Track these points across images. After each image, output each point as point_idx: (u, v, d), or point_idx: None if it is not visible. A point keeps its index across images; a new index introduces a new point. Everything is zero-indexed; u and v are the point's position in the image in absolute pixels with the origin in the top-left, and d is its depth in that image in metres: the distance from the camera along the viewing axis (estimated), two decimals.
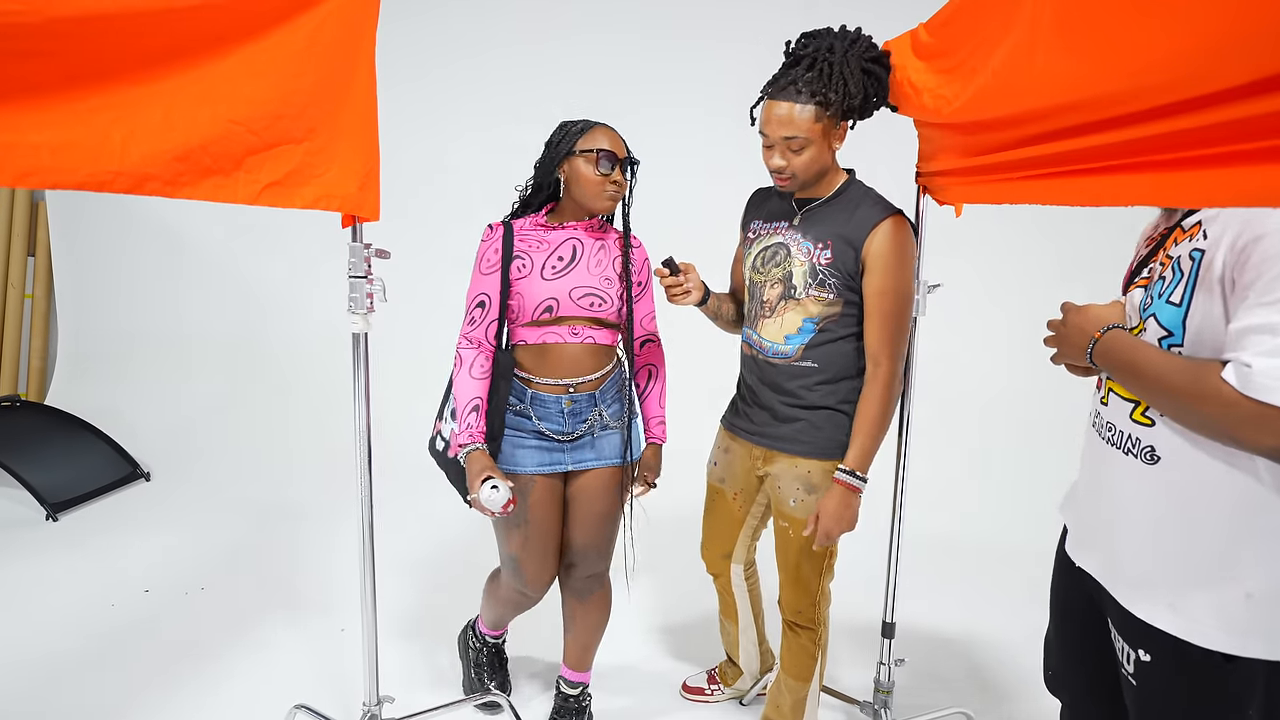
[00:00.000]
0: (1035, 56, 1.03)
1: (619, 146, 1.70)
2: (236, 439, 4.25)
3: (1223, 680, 1.04)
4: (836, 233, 1.62)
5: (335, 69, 1.42)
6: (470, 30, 4.31)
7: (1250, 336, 0.91)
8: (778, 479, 1.76)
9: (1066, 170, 1.07)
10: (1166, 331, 1.04)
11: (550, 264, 1.71)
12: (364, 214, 1.52)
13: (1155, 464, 1.07)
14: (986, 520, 3.35)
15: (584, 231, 1.76)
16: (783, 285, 1.68)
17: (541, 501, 1.77)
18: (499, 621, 2.13)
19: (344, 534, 3.13)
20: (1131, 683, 1.15)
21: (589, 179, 1.67)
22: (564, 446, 1.78)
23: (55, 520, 3.37)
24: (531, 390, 1.74)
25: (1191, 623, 1.04)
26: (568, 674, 2.05)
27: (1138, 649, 1.12)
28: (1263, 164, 0.64)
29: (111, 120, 1.12)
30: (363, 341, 1.61)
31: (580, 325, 1.73)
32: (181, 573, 2.94)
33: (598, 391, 1.77)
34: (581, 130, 1.70)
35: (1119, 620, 1.16)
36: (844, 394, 1.68)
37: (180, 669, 2.33)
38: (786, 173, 1.60)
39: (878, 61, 1.58)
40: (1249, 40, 0.61)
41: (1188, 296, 1.00)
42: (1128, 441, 1.11)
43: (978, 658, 2.47)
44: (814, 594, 1.80)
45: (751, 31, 3.41)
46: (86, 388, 4.53)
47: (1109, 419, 1.16)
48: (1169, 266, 1.06)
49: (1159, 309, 1.05)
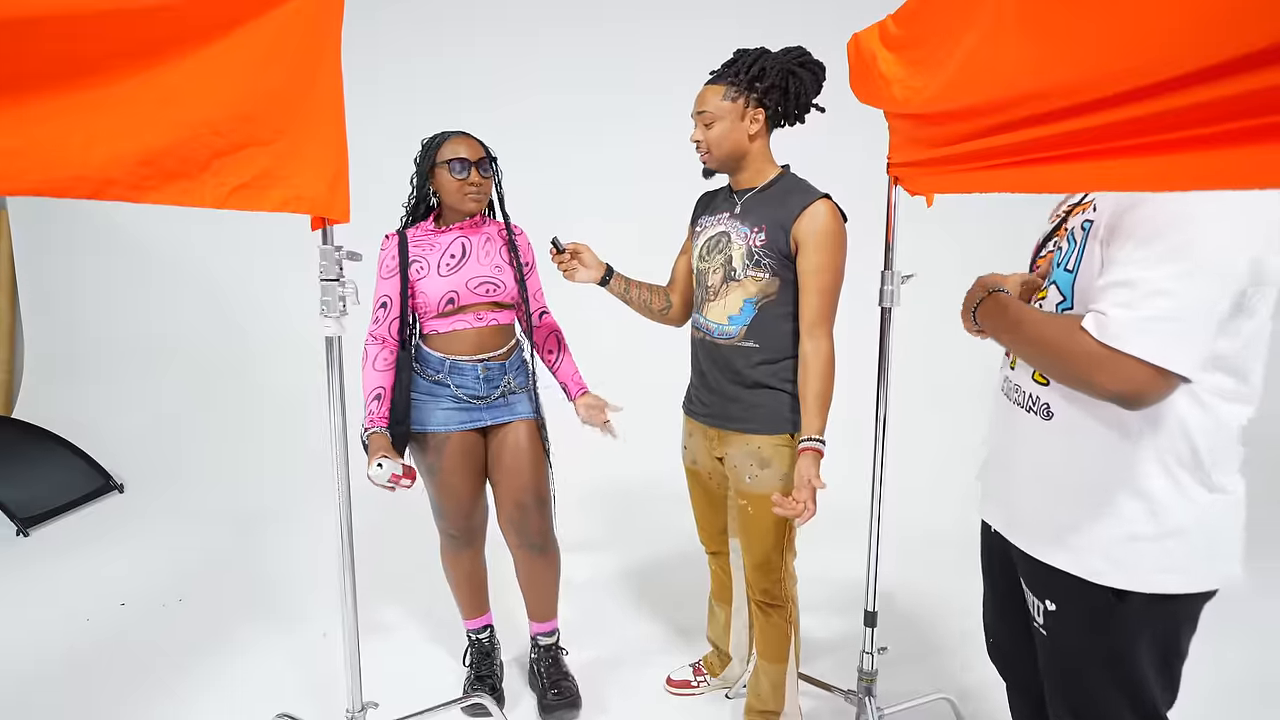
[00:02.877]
0: (1001, 45, 1.04)
1: (474, 150, 1.92)
2: (210, 447, 4.20)
3: (1117, 616, 1.14)
4: (770, 216, 1.75)
5: (301, 69, 1.39)
6: (437, 32, 4.28)
7: (1110, 290, 1.00)
8: (733, 458, 1.84)
9: (1035, 158, 1.08)
10: (1062, 296, 1.14)
11: (444, 262, 1.96)
12: (334, 216, 1.50)
13: (1050, 419, 1.17)
14: (965, 507, 3.38)
15: (468, 230, 2.00)
16: (724, 269, 1.80)
17: (454, 453, 2.00)
18: (463, 601, 2.21)
19: (322, 539, 3.11)
20: (1043, 634, 1.24)
21: (450, 186, 1.92)
22: (480, 408, 2.02)
23: (26, 536, 3.31)
24: (450, 359, 1.98)
25: (1086, 561, 1.14)
26: (538, 628, 2.20)
27: (1044, 599, 1.22)
28: (1225, 147, 0.65)
29: (71, 124, 1.10)
30: (336, 345, 1.59)
31: (483, 310, 1.99)
32: (158, 584, 2.90)
33: (506, 362, 2.05)
34: (438, 144, 1.93)
35: (1026, 572, 1.26)
36: (784, 373, 1.80)
37: (159, 681, 2.30)
38: (703, 145, 1.77)
39: (805, 66, 1.74)
40: (1210, 26, 0.62)
41: (1077, 263, 1.10)
42: (1028, 400, 1.21)
43: (959, 644, 2.50)
44: (779, 570, 1.88)
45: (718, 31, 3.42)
46: (55, 399, 4.45)
47: (1016, 381, 1.25)
48: (1064, 237, 1.17)
49: (1058, 277, 1.16)
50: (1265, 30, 0.56)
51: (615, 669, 2.37)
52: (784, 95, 1.74)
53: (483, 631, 2.25)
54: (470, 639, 2.26)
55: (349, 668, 1.73)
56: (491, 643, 2.27)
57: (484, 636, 2.25)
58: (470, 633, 2.25)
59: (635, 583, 2.93)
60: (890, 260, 1.77)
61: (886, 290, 1.76)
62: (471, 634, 2.25)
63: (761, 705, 2.00)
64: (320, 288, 1.54)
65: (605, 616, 2.68)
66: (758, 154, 1.79)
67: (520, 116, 4.11)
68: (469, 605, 2.23)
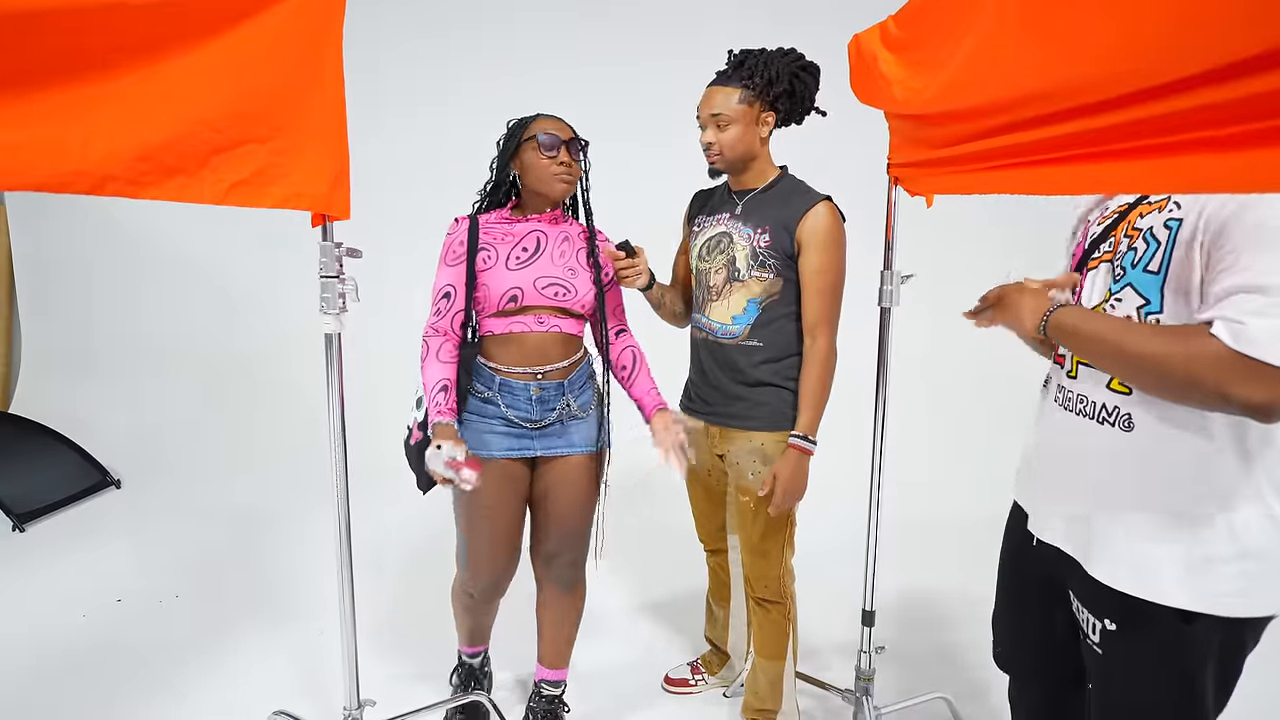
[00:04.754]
0: (1001, 47, 1.04)
1: (563, 129, 1.75)
2: (208, 443, 4.19)
3: (1182, 640, 1.09)
4: (773, 218, 1.76)
5: (301, 66, 1.39)
6: (440, 29, 4.27)
7: (1236, 296, 0.95)
8: (735, 455, 1.85)
9: (1035, 160, 1.08)
10: (1144, 299, 1.08)
11: (515, 255, 1.75)
12: (334, 213, 1.50)
13: (1130, 431, 1.11)
14: (965, 508, 3.39)
15: (547, 223, 1.81)
16: (727, 269, 1.81)
17: (496, 481, 1.76)
18: (466, 632, 2.11)
19: (319, 537, 3.10)
20: (1097, 652, 1.19)
21: (537, 164, 1.72)
22: (531, 434, 1.79)
23: (22, 531, 3.30)
24: (500, 377, 1.75)
25: (1156, 584, 1.09)
26: (547, 674, 2.04)
27: (1104, 618, 1.16)
28: (1228, 150, 0.65)
29: (70, 119, 1.09)
30: (336, 342, 1.59)
31: (546, 314, 1.75)
32: (154, 581, 2.90)
33: (566, 380, 1.79)
34: (525, 122, 1.77)
35: (1085, 591, 1.20)
36: (787, 371, 1.81)
37: (155, 679, 2.29)
38: (715, 148, 1.77)
39: (805, 70, 1.78)
40: (1212, 27, 0.62)
41: (1165, 264, 1.04)
42: (1102, 411, 1.15)
43: (957, 644, 2.50)
44: (779, 566, 1.89)
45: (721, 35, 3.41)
46: (52, 394, 4.44)
47: (1080, 391, 1.19)
48: (1138, 238, 1.10)
49: (1135, 278, 1.09)
50: (1268, 35, 0.56)
51: (613, 667, 2.37)
52: (792, 98, 1.77)
53: (475, 656, 2.18)
54: (461, 659, 2.19)
55: (346, 665, 1.73)
56: (483, 668, 2.21)
57: (475, 661, 2.18)
58: (462, 654, 2.18)
59: (633, 580, 2.93)
60: (890, 260, 1.77)
61: (886, 290, 1.77)
62: (464, 655, 2.17)
63: (759, 704, 2.00)
64: (320, 284, 1.54)
65: (603, 614, 2.68)
66: (763, 156, 1.82)
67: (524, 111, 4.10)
68: (470, 637, 2.12)
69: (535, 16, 4.21)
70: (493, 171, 1.83)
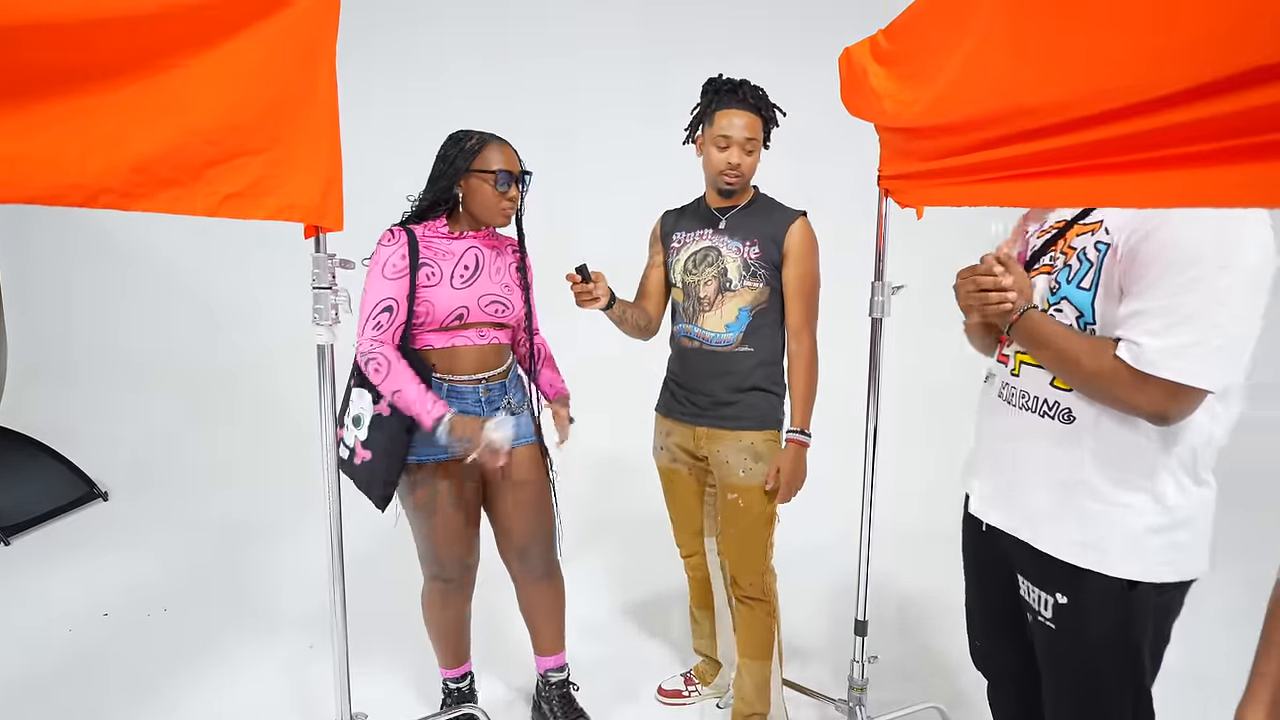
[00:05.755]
0: (990, 62, 1.05)
1: (513, 163, 1.80)
2: (197, 455, 4.16)
3: (1128, 608, 1.21)
4: (760, 231, 1.87)
5: (295, 79, 1.39)
6: (431, 41, 4.28)
7: (1139, 318, 1.10)
8: (724, 455, 1.90)
9: (1024, 173, 1.09)
10: (1079, 312, 1.21)
11: (458, 273, 1.81)
12: (327, 224, 1.50)
13: (1071, 423, 1.23)
14: (956, 517, 3.40)
15: (482, 241, 1.87)
16: (718, 280, 1.89)
17: (452, 483, 1.87)
18: (447, 650, 2.09)
19: (309, 549, 3.09)
20: (1050, 628, 1.29)
21: (486, 195, 1.78)
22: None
23: (7, 544, 3.26)
24: (447, 384, 1.83)
25: (1102, 555, 1.21)
26: (549, 662, 2.10)
27: (1054, 593, 1.27)
28: (1214, 165, 0.66)
29: (69, 132, 1.09)
30: (328, 353, 1.58)
31: (486, 329, 1.87)
32: (142, 594, 2.87)
33: (505, 381, 1.92)
34: (476, 148, 1.78)
35: (1034, 569, 1.31)
36: (775, 375, 1.93)
37: (142, 694, 2.27)
38: (739, 170, 1.83)
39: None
40: (1200, 45, 0.63)
41: (1095, 282, 1.18)
42: (1044, 405, 1.27)
43: (949, 653, 2.50)
44: (763, 562, 1.94)
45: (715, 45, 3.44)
46: (39, 406, 4.40)
47: (1023, 388, 1.31)
48: (1073, 256, 1.23)
49: (1070, 293, 1.22)
50: (1254, 51, 0.57)
51: (607, 678, 2.36)
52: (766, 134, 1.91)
53: (462, 680, 2.15)
54: (447, 688, 2.15)
55: (337, 679, 1.72)
56: (471, 690, 2.18)
57: (463, 685, 2.16)
58: (448, 682, 2.14)
59: (625, 592, 2.93)
60: (881, 271, 1.80)
61: (877, 301, 1.79)
62: (450, 683, 2.14)
63: (747, 709, 2.00)
64: (312, 295, 1.53)
65: (596, 626, 2.67)
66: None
67: (512, 124, 4.12)
68: (452, 654, 2.11)
69: (530, 29, 4.23)
70: (433, 188, 1.82)
